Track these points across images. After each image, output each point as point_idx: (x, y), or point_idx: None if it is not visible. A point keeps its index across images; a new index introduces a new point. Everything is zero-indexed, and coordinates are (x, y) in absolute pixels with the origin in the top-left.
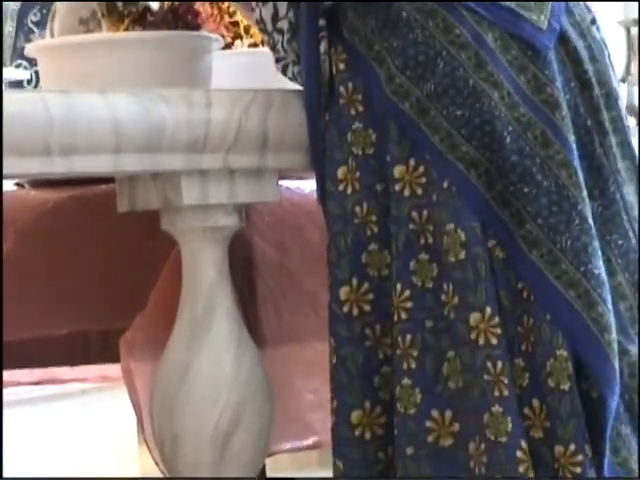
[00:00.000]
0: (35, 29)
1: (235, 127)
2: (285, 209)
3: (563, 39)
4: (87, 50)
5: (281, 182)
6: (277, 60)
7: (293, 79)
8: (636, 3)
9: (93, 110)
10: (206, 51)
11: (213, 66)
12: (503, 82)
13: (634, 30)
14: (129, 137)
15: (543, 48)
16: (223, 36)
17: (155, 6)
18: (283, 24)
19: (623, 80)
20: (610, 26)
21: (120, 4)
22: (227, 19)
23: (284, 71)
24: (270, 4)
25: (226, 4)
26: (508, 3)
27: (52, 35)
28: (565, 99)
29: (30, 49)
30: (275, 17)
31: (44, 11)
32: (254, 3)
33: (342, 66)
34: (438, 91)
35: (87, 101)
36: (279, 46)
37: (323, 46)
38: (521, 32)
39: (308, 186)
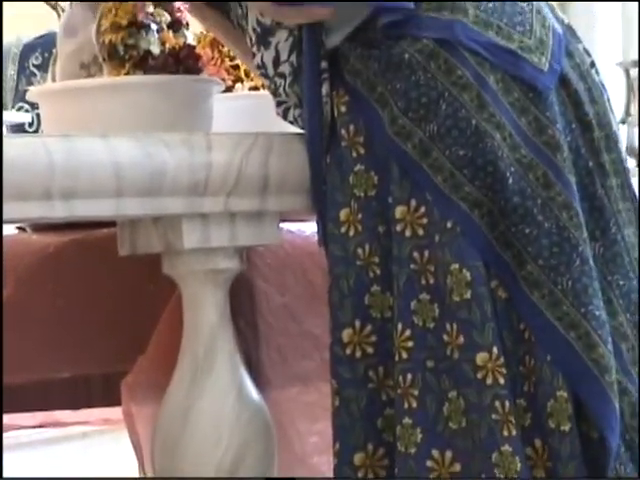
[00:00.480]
0: (37, 72)
1: (236, 170)
2: (287, 251)
3: (564, 81)
4: (88, 94)
5: (282, 224)
6: (278, 104)
7: (294, 122)
8: (635, 44)
9: (94, 154)
10: (207, 95)
11: (214, 109)
12: (505, 123)
13: (633, 72)
14: (130, 181)
15: (544, 90)
16: (224, 79)
17: (156, 50)
18: (285, 68)
19: (623, 121)
20: (609, 68)
21: (121, 49)
22: (228, 62)
23: (285, 115)
24: (272, 48)
25: (227, 47)
26: (509, 45)
27: (53, 79)
28: (566, 141)
29: (32, 93)
30: (277, 61)
31: (46, 54)
32: (255, 48)
33: (343, 108)
34: (441, 132)
35: (88, 145)
36: (280, 90)
37: (325, 88)
38: (522, 74)
39: (310, 228)
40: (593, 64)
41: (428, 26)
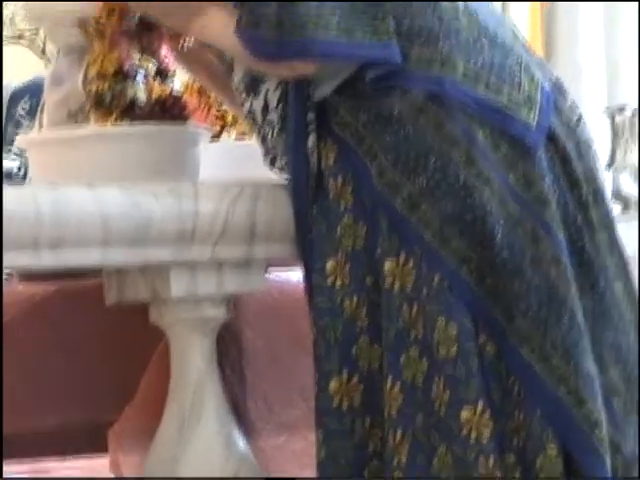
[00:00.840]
0: (25, 118)
1: (223, 219)
2: (274, 299)
3: (552, 137)
4: (75, 144)
5: (270, 271)
6: (265, 152)
7: (281, 171)
8: (620, 89)
9: (82, 204)
10: (194, 142)
11: (201, 157)
12: (494, 179)
13: (619, 118)
14: (117, 231)
15: (533, 146)
16: (211, 126)
17: (143, 99)
18: (273, 116)
19: (609, 166)
20: (595, 114)
21: (108, 97)
22: (215, 110)
23: (272, 163)
24: (261, 96)
25: (214, 95)
26: (499, 98)
27: (41, 127)
28: (555, 196)
29: (21, 141)
30: (265, 110)
31: (34, 100)
32: (244, 95)
33: (332, 159)
34: (430, 186)
35: (76, 195)
36: (268, 138)
37: (311, 140)
38: (511, 130)
39: (297, 275)
40: (580, 118)
41: (418, 80)
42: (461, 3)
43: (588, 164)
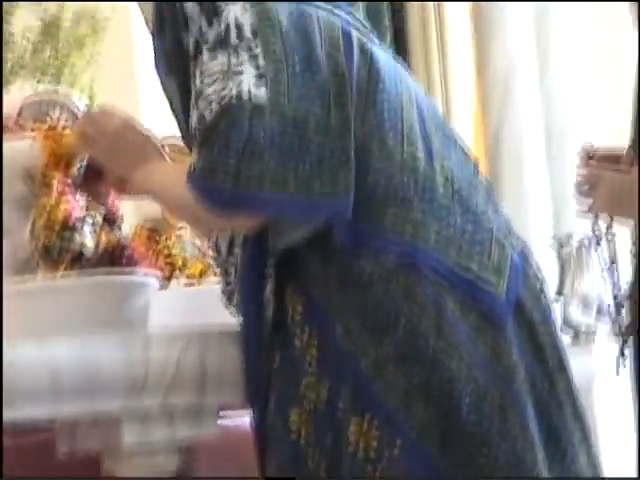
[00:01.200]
0: None
1: (173, 368)
2: (227, 444)
3: (520, 306)
4: (25, 297)
5: (223, 416)
6: (224, 287)
7: (237, 310)
8: (567, 218)
9: (31, 357)
10: (143, 290)
11: (151, 303)
12: (462, 349)
13: (566, 248)
14: (68, 383)
15: (502, 317)
16: (159, 272)
17: (91, 248)
18: (238, 252)
19: (558, 295)
20: (541, 242)
21: (56, 249)
22: (163, 256)
23: (229, 300)
24: (228, 233)
25: (162, 243)
26: (470, 264)
27: None
28: (522, 366)
29: None
30: (231, 245)
31: None
32: (210, 230)
33: (299, 310)
34: (397, 351)
35: (25, 349)
36: (231, 274)
37: (269, 289)
38: (481, 301)
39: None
40: (543, 282)
41: (390, 245)
42: (438, 163)
43: (552, 331)
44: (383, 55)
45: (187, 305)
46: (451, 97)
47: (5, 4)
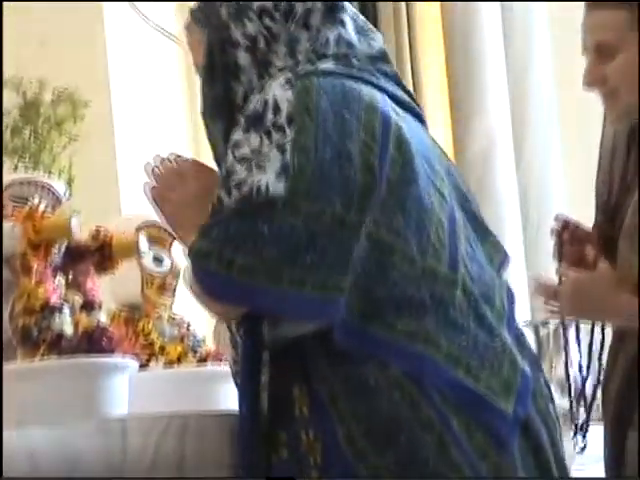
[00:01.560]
0: None
1: (152, 453)
2: None
3: (527, 424)
4: (4, 380)
5: None
6: (232, 365)
7: None
8: None
9: (9, 443)
10: (122, 372)
11: (129, 386)
12: (465, 468)
13: (543, 331)
14: (46, 468)
15: (507, 436)
16: (138, 355)
17: (70, 332)
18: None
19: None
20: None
21: (35, 332)
22: (142, 339)
23: (234, 378)
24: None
25: (140, 325)
26: (477, 386)
27: None
28: None
29: None
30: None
31: None
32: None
33: (305, 410)
34: (398, 464)
35: (4, 433)
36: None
37: (264, 378)
38: (487, 420)
39: None
40: (551, 396)
41: (399, 353)
42: (459, 274)
43: (557, 445)
44: (416, 135)
45: (166, 388)
46: None
47: None
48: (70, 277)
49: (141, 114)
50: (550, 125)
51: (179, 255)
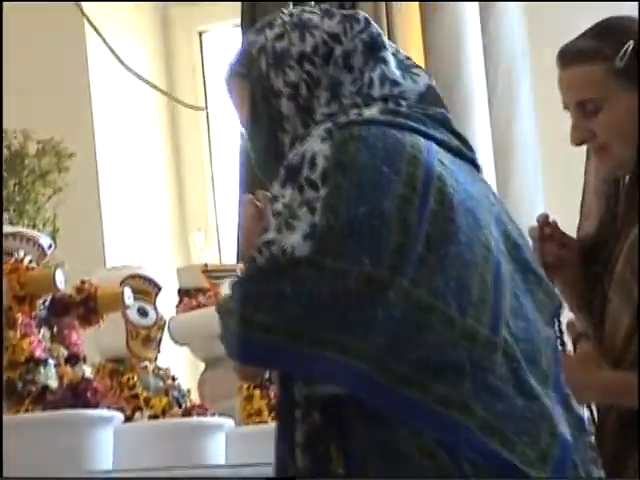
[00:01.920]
0: None
1: None
2: None
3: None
4: None
5: None
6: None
7: None
8: None
9: None
10: (106, 426)
11: (114, 438)
12: None
13: None
14: None
15: None
16: (123, 408)
17: (54, 385)
18: None
19: None
20: None
21: (20, 385)
22: (127, 392)
23: None
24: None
25: (125, 377)
26: (511, 457)
27: None
28: None
29: None
30: None
31: None
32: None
33: (341, 470)
34: None
35: None
36: None
37: (299, 435)
38: None
39: None
40: (597, 457)
41: (432, 420)
42: (501, 337)
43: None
44: (463, 185)
45: (151, 440)
46: None
47: None
48: (55, 330)
49: (125, 164)
50: (535, 175)
51: (163, 308)
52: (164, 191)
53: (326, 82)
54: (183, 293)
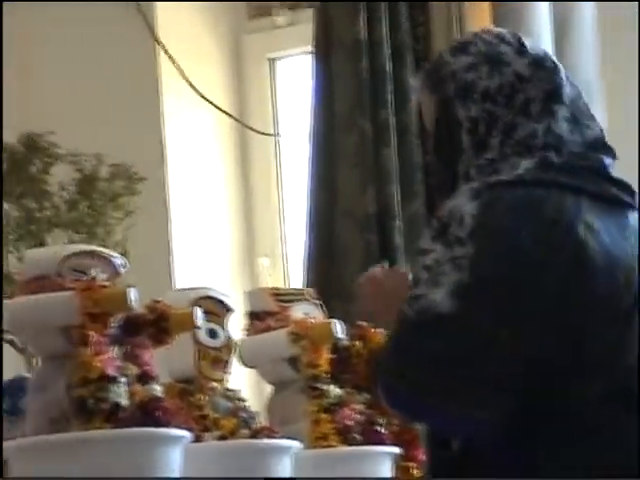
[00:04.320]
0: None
1: None
2: None
3: None
4: (57, 450)
5: None
6: None
7: None
8: None
9: None
10: (175, 445)
11: (183, 458)
12: None
13: None
14: None
15: None
16: (192, 429)
17: (125, 403)
18: None
19: None
20: None
21: (91, 402)
22: (196, 412)
23: None
24: None
25: (194, 398)
26: None
27: (23, 434)
28: None
29: (7, 450)
30: None
31: (14, 399)
32: None
33: None
34: None
35: None
36: None
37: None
38: None
39: None
40: None
41: None
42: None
43: None
44: (608, 243)
45: (219, 461)
46: None
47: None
48: (126, 348)
49: (195, 189)
50: None
51: (234, 329)
52: (232, 216)
53: (502, 124)
54: (252, 316)
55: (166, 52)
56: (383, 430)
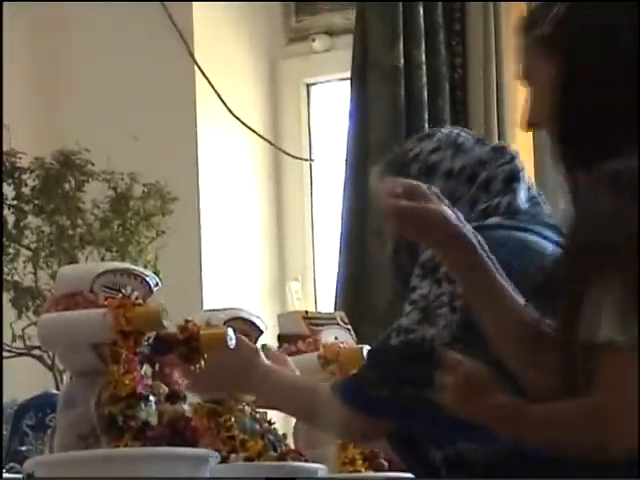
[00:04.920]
0: (29, 432)
1: None
2: None
3: None
4: (85, 466)
5: None
6: None
7: None
8: None
9: None
10: (203, 465)
11: (209, 478)
12: None
13: None
14: None
15: None
16: (219, 450)
17: (154, 422)
18: None
19: None
20: None
21: (120, 420)
22: (224, 433)
23: None
24: None
25: (223, 419)
26: None
27: (51, 450)
28: None
29: (28, 465)
30: None
31: (39, 415)
32: None
33: None
34: None
35: None
36: None
37: None
38: None
39: None
40: None
41: None
42: None
43: None
44: None
45: None
46: None
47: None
48: (156, 367)
49: (227, 210)
50: None
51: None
52: (263, 238)
53: (464, 200)
54: (283, 339)
55: (202, 73)
56: None
